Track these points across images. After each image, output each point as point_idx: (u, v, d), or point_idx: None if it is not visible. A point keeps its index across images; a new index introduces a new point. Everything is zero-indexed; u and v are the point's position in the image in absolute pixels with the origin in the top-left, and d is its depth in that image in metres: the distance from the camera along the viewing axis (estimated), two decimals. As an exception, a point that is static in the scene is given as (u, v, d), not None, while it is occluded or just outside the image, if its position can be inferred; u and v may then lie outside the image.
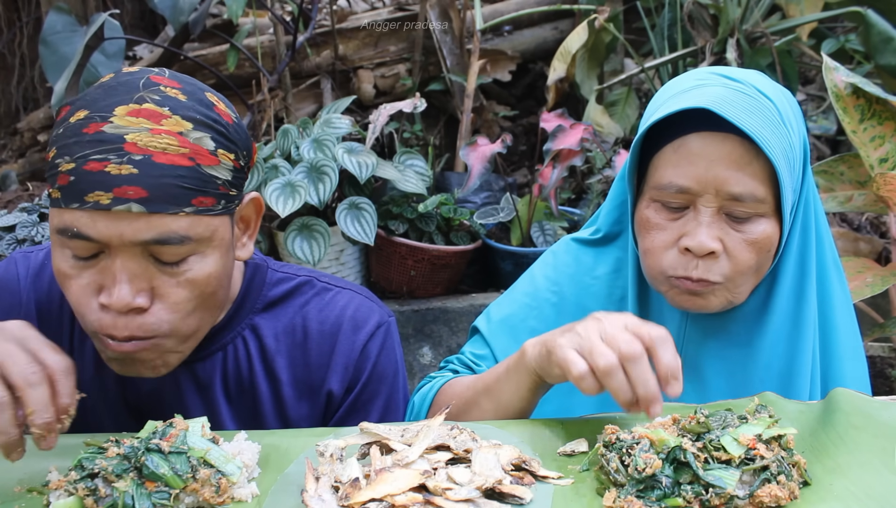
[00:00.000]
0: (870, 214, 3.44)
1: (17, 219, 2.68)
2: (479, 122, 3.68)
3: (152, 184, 0.91)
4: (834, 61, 2.19)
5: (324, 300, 1.19)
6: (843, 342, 1.21)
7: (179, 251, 0.95)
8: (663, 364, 0.94)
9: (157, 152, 0.92)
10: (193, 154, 0.94)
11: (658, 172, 1.12)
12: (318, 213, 2.71)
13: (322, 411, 1.17)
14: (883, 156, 2.14)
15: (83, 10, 3.19)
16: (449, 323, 2.89)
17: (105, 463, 0.85)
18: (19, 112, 4.21)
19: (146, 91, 0.95)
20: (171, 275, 0.97)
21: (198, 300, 0.99)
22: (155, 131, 0.92)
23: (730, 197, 1.08)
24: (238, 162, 1.01)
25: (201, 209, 0.96)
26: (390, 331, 1.22)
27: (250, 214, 1.09)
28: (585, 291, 1.30)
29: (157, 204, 0.92)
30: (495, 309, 1.37)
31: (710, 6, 3.07)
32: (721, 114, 1.04)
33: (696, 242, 1.09)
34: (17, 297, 1.13)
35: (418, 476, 0.84)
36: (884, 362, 2.89)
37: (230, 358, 1.14)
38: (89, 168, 0.91)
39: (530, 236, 2.97)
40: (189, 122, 0.95)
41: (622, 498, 0.84)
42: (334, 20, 3.61)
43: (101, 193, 0.91)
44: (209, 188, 0.96)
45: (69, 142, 0.93)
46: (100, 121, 0.92)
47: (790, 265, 1.17)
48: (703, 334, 1.21)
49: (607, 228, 1.31)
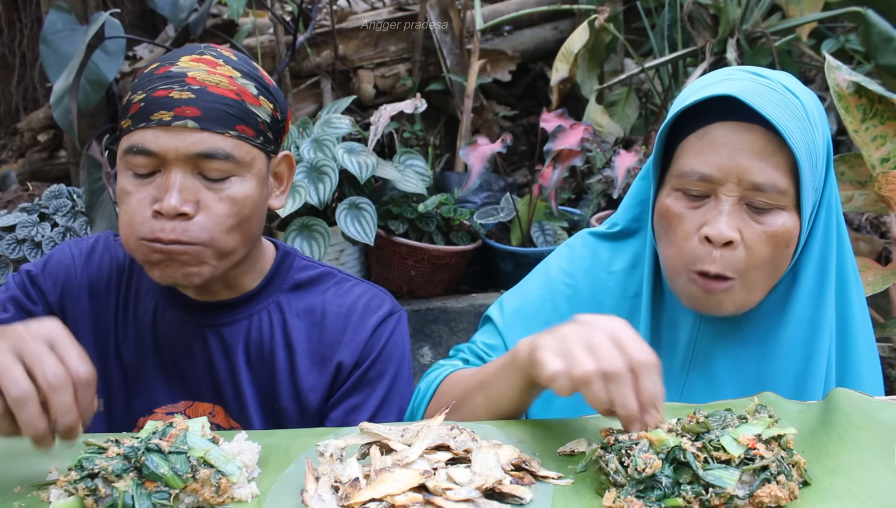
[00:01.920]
0: (870, 214, 3.44)
1: (17, 219, 2.68)
2: (479, 122, 3.68)
3: (206, 107, 1.11)
4: (836, 60, 2.19)
5: (343, 288, 1.31)
6: (861, 348, 1.20)
7: (223, 168, 1.13)
8: (645, 391, 0.92)
9: (212, 85, 1.13)
10: (240, 91, 1.15)
11: (681, 160, 1.12)
12: (319, 213, 2.71)
13: (330, 381, 1.26)
14: (885, 156, 2.14)
15: (83, 9, 3.19)
16: (449, 323, 2.89)
17: (105, 463, 0.85)
18: (19, 112, 4.21)
19: (206, 49, 1.17)
20: (215, 191, 1.13)
21: (235, 218, 1.14)
22: (211, 72, 1.14)
23: (751, 186, 1.08)
24: (276, 113, 1.20)
25: (243, 136, 1.14)
26: (401, 322, 1.32)
27: (283, 170, 1.26)
28: (600, 285, 1.30)
29: (208, 123, 1.11)
30: (509, 299, 1.36)
31: (710, 6, 3.07)
32: (747, 102, 1.05)
33: (715, 230, 1.08)
34: (72, 275, 1.30)
35: (418, 476, 0.84)
36: (884, 362, 2.89)
37: (254, 327, 1.27)
38: (157, 94, 1.12)
39: (530, 236, 2.97)
40: (238, 72, 1.16)
41: (622, 498, 0.84)
42: (334, 20, 3.61)
43: (164, 112, 1.11)
44: (251, 121, 1.15)
45: (143, 82, 1.14)
46: (168, 65, 1.14)
47: (810, 267, 1.16)
48: (717, 333, 1.20)
49: (625, 223, 1.30)
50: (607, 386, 0.92)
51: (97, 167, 2.45)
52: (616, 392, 0.91)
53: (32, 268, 1.30)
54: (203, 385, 1.26)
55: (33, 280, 1.29)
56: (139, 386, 1.27)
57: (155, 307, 1.27)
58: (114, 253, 1.32)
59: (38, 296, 1.28)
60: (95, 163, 2.45)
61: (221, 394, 1.26)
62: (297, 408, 1.26)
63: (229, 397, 1.26)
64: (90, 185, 2.48)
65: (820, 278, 1.17)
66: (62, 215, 2.73)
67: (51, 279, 1.29)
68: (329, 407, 1.26)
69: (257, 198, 1.18)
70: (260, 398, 1.26)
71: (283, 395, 1.25)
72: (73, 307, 1.28)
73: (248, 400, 1.25)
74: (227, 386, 1.26)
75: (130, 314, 1.29)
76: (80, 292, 1.29)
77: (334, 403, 1.26)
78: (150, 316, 1.27)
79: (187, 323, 1.26)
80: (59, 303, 1.28)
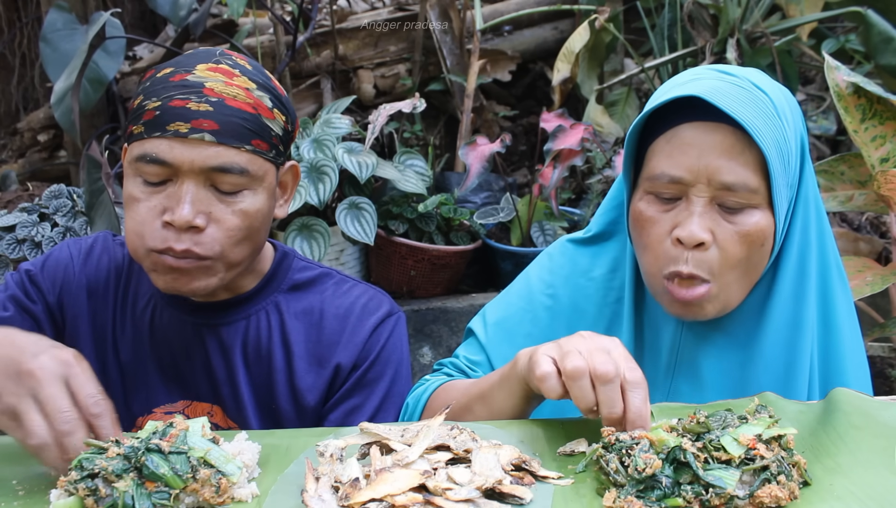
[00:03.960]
0: (870, 214, 3.44)
1: (17, 219, 2.68)
2: (479, 122, 3.68)
3: (223, 121, 1.11)
4: (836, 60, 2.19)
5: (342, 289, 1.31)
6: (845, 343, 1.19)
7: (237, 182, 1.13)
8: (633, 409, 0.93)
9: (229, 98, 1.12)
10: (256, 105, 1.14)
11: (651, 163, 1.12)
12: (318, 213, 2.71)
13: (328, 383, 1.26)
14: (884, 156, 2.14)
15: (83, 9, 3.19)
16: (449, 323, 2.89)
17: (105, 463, 0.85)
18: (19, 112, 4.21)
19: (222, 57, 1.16)
20: (227, 204, 1.13)
21: (246, 232, 1.15)
22: (228, 83, 1.13)
23: (722, 186, 1.07)
24: (287, 125, 1.21)
25: (258, 151, 1.14)
26: (400, 323, 1.32)
27: (288, 180, 1.27)
28: (580, 293, 1.29)
29: (225, 137, 1.11)
30: (491, 311, 1.36)
31: (710, 6, 3.07)
32: (712, 102, 1.04)
33: (686, 232, 1.08)
34: (71, 275, 1.29)
35: (418, 476, 0.84)
36: (884, 362, 2.89)
37: (252, 327, 1.27)
38: (174, 104, 1.10)
39: (530, 236, 2.97)
40: (254, 83, 1.15)
41: (622, 498, 0.84)
42: (334, 20, 3.61)
43: (181, 123, 1.10)
44: (265, 134, 1.15)
45: (157, 88, 1.13)
46: (184, 72, 1.13)
47: (790, 265, 1.16)
48: (699, 337, 1.20)
49: (603, 226, 1.29)
50: (597, 387, 0.93)
51: (97, 167, 2.44)
52: (604, 394, 0.93)
53: (31, 268, 1.30)
54: (201, 385, 1.27)
55: (32, 279, 1.29)
56: (137, 386, 1.28)
57: (153, 307, 1.27)
58: (112, 253, 1.32)
59: (37, 295, 1.28)
60: (95, 163, 2.45)
61: (219, 394, 1.26)
62: (294, 408, 1.26)
63: (227, 397, 1.26)
64: (90, 185, 2.48)
65: (799, 275, 1.16)
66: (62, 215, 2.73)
67: (49, 278, 1.29)
68: (328, 408, 1.26)
69: (267, 211, 1.19)
70: (257, 398, 1.26)
71: (280, 395, 1.26)
72: (71, 306, 1.28)
73: (245, 401, 1.25)
74: (224, 386, 1.26)
75: (129, 314, 1.29)
76: (79, 291, 1.29)
77: (333, 405, 1.26)
78: (149, 316, 1.27)
79: (185, 323, 1.26)
80: (57, 303, 1.28)
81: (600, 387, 0.93)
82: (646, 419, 0.93)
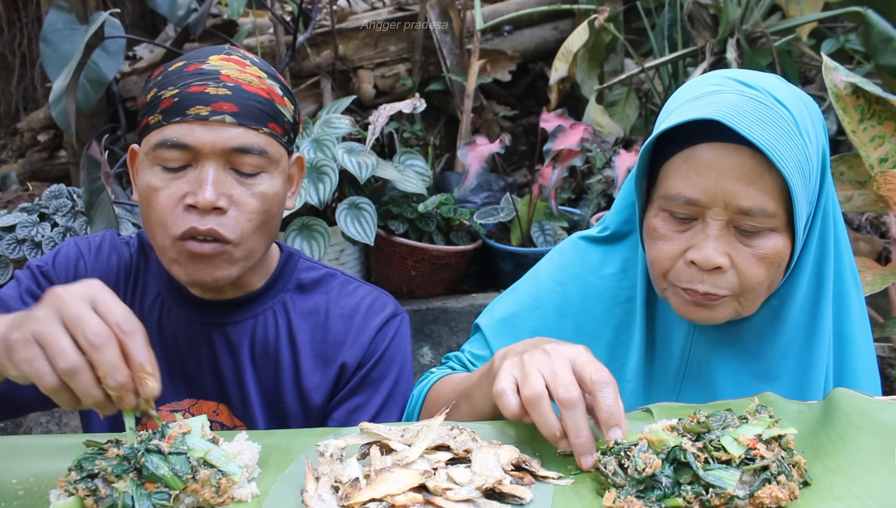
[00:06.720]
0: (870, 214, 3.44)
1: (17, 219, 2.68)
2: (479, 122, 3.68)
3: (242, 104, 1.14)
4: (834, 61, 2.19)
5: (347, 289, 1.33)
6: (860, 357, 1.18)
7: (257, 163, 1.15)
8: (604, 409, 0.93)
9: (245, 83, 1.16)
10: (269, 91, 1.18)
11: (667, 182, 1.09)
12: (318, 213, 2.71)
13: (333, 381, 1.27)
14: (883, 156, 2.14)
15: (83, 9, 3.19)
16: (449, 323, 2.89)
17: (105, 464, 0.85)
18: (19, 112, 4.21)
19: (231, 50, 1.20)
20: (247, 187, 1.15)
21: (264, 215, 1.17)
22: (242, 70, 1.17)
23: (739, 211, 1.05)
24: (295, 114, 1.24)
25: (274, 134, 1.18)
26: (404, 324, 1.34)
27: (295, 172, 1.29)
28: (590, 292, 1.28)
29: (244, 118, 1.14)
30: (498, 306, 1.35)
31: (710, 6, 3.07)
32: (732, 126, 1.01)
33: (702, 256, 1.06)
34: (83, 269, 1.31)
35: (418, 476, 0.84)
36: (884, 362, 2.89)
37: (259, 326, 1.28)
38: (192, 90, 1.13)
39: (530, 236, 2.97)
40: (264, 73, 1.19)
41: (622, 499, 0.84)
42: (334, 20, 3.61)
43: (201, 107, 1.12)
44: (279, 119, 1.19)
45: (172, 78, 1.15)
46: (198, 63, 1.16)
47: (805, 277, 1.14)
48: (711, 343, 1.19)
49: (616, 226, 1.28)
50: (561, 412, 0.93)
51: (97, 167, 2.44)
52: (568, 419, 0.92)
53: (41, 263, 1.30)
54: (208, 383, 1.27)
55: (45, 274, 1.29)
56: None
57: (161, 305, 1.28)
58: (120, 251, 1.32)
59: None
60: (95, 163, 2.45)
61: (226, 393, 1.27)
62: (300, 407, 1.26)
63: (234, 396, 1.26)
64: (90, 185, 2.48)
65: (816, 286, 1.15)
66: (62, 215, 2.73)
67: (62, 272, 1.30)
68: (332, 406, 1.27)
69: (282, 196, 1.21)
70: (264, 397, 1.26)
71: (286, 394, 1.26)
72: None
73: (252, 399, 1.25)
74: (231, 385, 1.26)
75: (136, 312, 1.27)
76: None
77: (337, 403, 1.26)
78: (156, 315, 1.28)
79: (193, 322, 1.26)
80: None
81: (564, 412, 0.93)
82: (619, 416, 0.92)
